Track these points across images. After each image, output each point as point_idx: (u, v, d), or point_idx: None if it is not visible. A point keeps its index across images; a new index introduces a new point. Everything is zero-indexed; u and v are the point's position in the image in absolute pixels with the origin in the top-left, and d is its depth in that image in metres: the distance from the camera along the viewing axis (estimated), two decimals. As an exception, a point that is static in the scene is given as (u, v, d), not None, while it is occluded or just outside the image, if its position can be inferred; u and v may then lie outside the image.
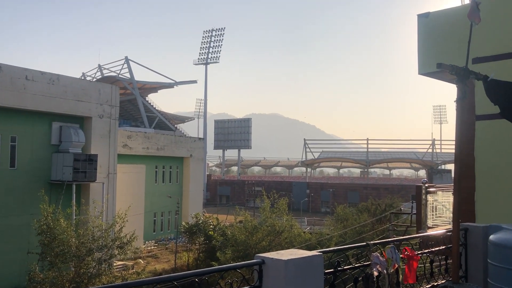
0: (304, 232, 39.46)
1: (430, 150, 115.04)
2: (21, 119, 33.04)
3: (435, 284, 6.14)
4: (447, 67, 4.88)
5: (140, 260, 39.42)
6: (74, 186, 33.97)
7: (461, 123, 5.19)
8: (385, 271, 5.21)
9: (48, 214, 25.84)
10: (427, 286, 6.11)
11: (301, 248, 32.34)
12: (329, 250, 4.83)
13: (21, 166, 33.13)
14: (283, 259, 3.95)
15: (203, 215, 47.52)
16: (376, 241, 5.42)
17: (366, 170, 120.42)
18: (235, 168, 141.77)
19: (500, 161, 9.24)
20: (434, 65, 5.24)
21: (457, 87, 5.11)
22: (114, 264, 30.52)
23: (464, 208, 9.24)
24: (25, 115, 33.15)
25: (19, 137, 33.14)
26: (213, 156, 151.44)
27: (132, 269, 34.08)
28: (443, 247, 6.27)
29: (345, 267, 4.91)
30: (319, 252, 4.36)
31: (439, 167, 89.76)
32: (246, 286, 3.98)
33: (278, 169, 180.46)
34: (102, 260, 26.12)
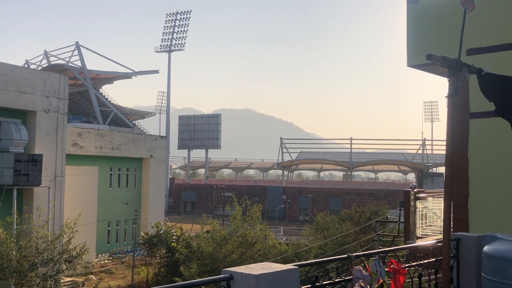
0: (279, 243, 39.65)
1: (420, 151, 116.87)
2: (-47, 113, 32.30)
3: (424, 300, 6.23)
4: (437, 58, 4.95)
5: (92, 276, 38.96)
6: (15, 191, 33.40)
7: (453, 122, 5.28)
8: (368, 286, 5.27)
9: (-16, 223, 25.37)
10: (415, 303, 6.20)
11: (276, 261, 32.46)
12: (307, 263, 4.86)
13: (-48, 168, 32.38)
14: (254, 273, 3.95)
15: (165, 224, 47.31)
16: (359, 253, 5.47)
17: (349, 173, 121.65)
18: (202, 171, 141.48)
19: (497, 164, 9.43)
20: (424, 56, 5.31)
21: (448, 81, 5.19)
22: (62, 280, 30.14)
23: (456, 216, 9.40)
24: (-43, 108, 32.42)
25: (-50, 133, 32.40)
26: (177, 156, 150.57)
27: (83, 286, 33.67)
28: (433, 259, 6.37)
29: (324, 282, 4.95)
30: (294, 265, 4.37)
31: (430, 170, 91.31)
32: (212, 304, 3.98)
33: (251, 172, 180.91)
34: (48, 276, 25.82)
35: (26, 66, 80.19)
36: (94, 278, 38.32)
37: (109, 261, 47.40)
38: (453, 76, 5.11)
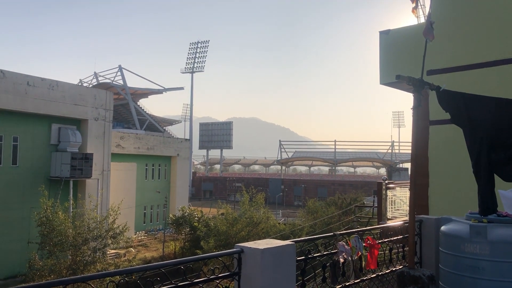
0: (279, 223, 39.59)
1: (390, 151, 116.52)
2: (23, 121, 32.44)
3: (394, 269, 6.21)
4: (404, 78, 4.95)
5: (131, 248, 39.03)
6: (71, 182, 33.52)
7: (416, 128, 5.26)
8: (350, 258, 5.25)
9: (47, 207, 25.46)
10: (386, 271, 6.17)
11: (276, 237, 32.42)
12: (301, 240, 4.84)
13: (22, 164, 32.51)
14: (260, 248, 3.95)
15: (189, 208, 47.31)
16: (342, 232, 5.46)
17: (334, 168, 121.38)
18: (217, 166, 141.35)
19: (451, 161, 9.39)
20: (393, 76, 5.31)
21: (413, 96, 5.19)
22: (108, 252, 30.19)
23: (419, 202, 9.38)
24: (26, 117, 32.56)
25: (21, 137, 32.54)
26: (198, 155, 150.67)
27: (124, 257, 33.75)
28: (401, 236, 6.35)
29: (314, 255, 4.93)
30: (292, 241, 4.37)
31: (398, 166, 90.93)
32: (226, 272, 3.97)
33: (256, 167, 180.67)
34: (97, 249, 25.84)
35: (80, 84, 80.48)
36: (133, 251, 38.39)
37: (145, 237, 47.42)
38: (417, 92, 5.10)
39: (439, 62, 9.37)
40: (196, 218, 41.92)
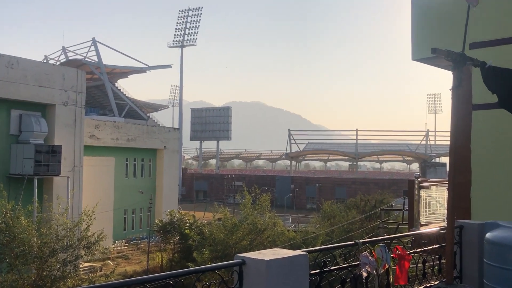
0: (288, 231, 39.68)
1: (423, 142, 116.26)
2: (-24, 106, 32.50)
3: (428, 285, 6.23)
4: (442, 52, 4.92)
5: (109, 261, 39.23)
6: (35, 181, 33.62)
7: (457, 113, 5.25)
8: (374, 271, 5.27)
9: (7, 211, 25.52)
10: (419, 288, 6.20)
11: (285, 247, 32.52)
12: (315, 249, 4.87)
13: (-24, 159, 32.64)
14: (265, 259, 3.96)
15: (178, 212, 47.42)
16: (365, 240, 5.48)
17: (355, 163, 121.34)
18: (213, 161, 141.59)
19: (498, 154, 9.37)
20: (428, 50, 5.28)
21: (452, 74, 5.16)
22: (81, 265, 30.34)
23: (458, 204, 9.37)
24: (-20, 102, 32.61)
25: (-26, 126, 32.64)
26: (189, 148, 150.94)
27: (100, 271, 33.93)
28: (437, 246, 6.36)
29: (332, 268, 4.95)
30: (304, 251, 4.39)
31: (433, 160, 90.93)
32: (225, 288, 3.99)
33: (260, 162, 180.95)
34: (67, 262, 25.93)
35: (45, 61, 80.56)
36: (111, 263, 38.61)
37: (126, 247, 47.67)
38: (457, 69, 5.08)
39: (484, 33, 9.32)
40: (187, 224, 42.04)
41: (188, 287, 3.80)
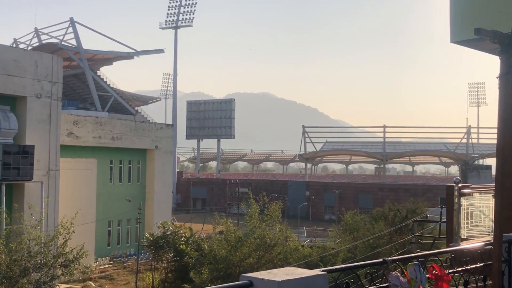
0: (302, 246, 39.66)
1: (464, 140, 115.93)
2: None
3: (471, 311, 6.21)
4: (487, 33, 4.89)
5: (90, 282, 39.37)
6: (3, 187, 33.80)
7: (505, 105, 5.22)
8: (406, 294, 5.26)
9: (-30, 223, 25.72)
10: (460, 314, 6.18)
11: (299, 266, 32.52)
12: (336, 268, 4.87)
13: None
14: (277, 280, 3.96)
15: (172, 224, 47.60)
16: (395, 257, 5.46)
17: (382, 166, 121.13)
18: (213, 164, 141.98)
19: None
20: (470, 31, 5.26)
21: (500, 59, 5.13)
22: (57, 287, 30.43)
23: (508, 215, 9.32)
24: None
25: None
26: (185, 147, 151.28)
27: (80, 294, 34.04)
28: (481, 264, 6.34)
29: (356, 290, 4.96)
30: (322, 271, 4.38)
31: (476, 162, 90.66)
32: (229, 315, 4.00)
33: (269, 164, 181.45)
34: (41, 283, 26.07)
35: (14, 45, 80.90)
36: (93, 285, 38.72)
37: (110, 265, 47.82)
38: (506, 53, 5.05)
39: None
40: (183, 239, 42.16)
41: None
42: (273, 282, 3.96)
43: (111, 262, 48.74)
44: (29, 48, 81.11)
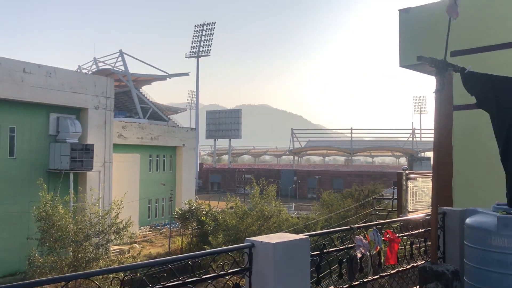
0: (291, 217, 39.63)
1: (410, 139, 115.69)
2: (20, 110, 32.74)
3: (415, 264, 6.21)
4: (426, 59, 4.90)
5: (135, 244, 39.41)
6: (71, 175, 33.84)
7: (439, 113, 5.22)
8: (368, 253, 5.26)
9: (47, 201, 25.75)
10: (407, 267, 6.17)
11: (289, 232, 32.51)
12: (316, 233, 4.85)
13: (20, 156, 32.88)
14: (272, 242, 3.96)
15: (196, 201, 47.58)
16: (359, 225, 5.46)
17: (350, 158, 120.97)
18: (226, 157, 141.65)
19: (476, 149, 9.31)
20: (414, 58, 5.26)
21: (436, 78, 5.13)
22: (111, 248, 30.53)
23: (442, 193, 9.32)
24: (23, 106, 32.85)
25: (18, 127, 32.88)
26: (205, 145, 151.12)
27: (128, 253, 34.06)
28: (422, 230, 6.34)
29: (330, 250, 4.95)
30: (306, 235, 4.38)
31: (419, 155, 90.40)
32: (237, 268, 4.00)
33: (267, 157, 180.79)
34: (99, 245, 26.11)
35: (79, 70, 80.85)
36: (138, 246, 38.76)
37: (150, 232, 47.85)
38: (440, 74, 5.05)
39: (464, 42, 9.25)
40: (203, 212, 42.16)
41: (205, 267, 3.79)
42: (270, 244, 3.96)
43: (151, 229, 48.76)
44: (90, 72, 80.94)
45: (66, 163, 33.36)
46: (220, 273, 3.83)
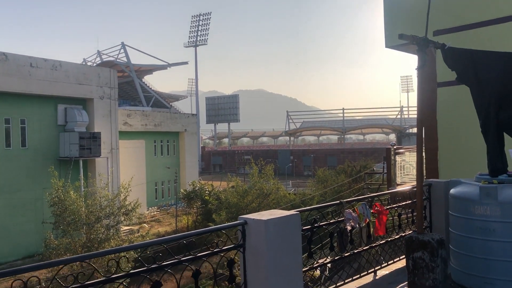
0: (289, 194, 39.78)
1: (399, 116, 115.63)
2: (29, 103, 32.53)
3: (403, 234, 6.16)
4: (407, 37, 4.76)
5: (144, 224, 39.58)
6: (81, 162, 33.78)
7: (422, 90, 5.09)
8: (357, 225, 5.19)
9: (59, 187, 25.73)
10: (395, 237, 6.12)
11: (287, 207, 32.65)
12: (306, 209, 4.77)
13: (32, 146, 32.79)
14: (264, 219, 3.88)
15: (199, 182, 47.62)
16: (349, 199, 5.38)
17: (342, 136, 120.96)
18: (226, 140, 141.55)
19: (460, 124, 9.21)
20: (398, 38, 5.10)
21: (417, 56, 5.00)
22: (121, 229, 30.61)
23: (428, 166, 9.25)
24: (32, 99, 32.63)
25: (28, 119, 32.71)
26: (206, 129, 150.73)
27: (138, 232, 34.21)
28: (409, 201, 6.27)
29: (321, 223, 4.88)
30: (296, 211, 4.30)
31: (407, 131, 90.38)
32: (231, 245, 3.93)
33: (265, 139, 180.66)
34: (110, 226, 26.20)
35: (83, 63, 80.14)
36: (146, 226, 38.93)
37: (158, 212, 48.00)
38: (421, 51, 4.91)
39: (446, 21, 9.07)
40: (207, 192, 42.25)
41: (207, 244, 3.70)
42: (261, 221, 3.88)
43: (158, 210, 48.91)
44: (94, 64, 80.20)
45: (75, 151, 33.27)
46: (215, 250, 3.75)
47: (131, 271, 3.27)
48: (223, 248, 3.81)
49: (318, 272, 16.39)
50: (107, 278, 3.12)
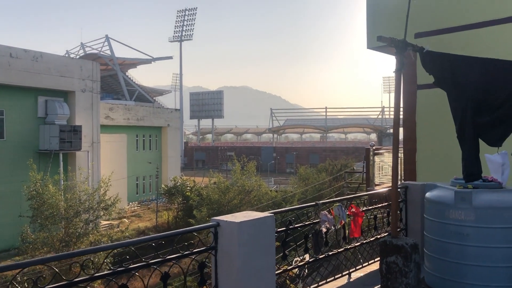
0: (271, 191, 39.74)
1: (380, 116, 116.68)
2: (8, 94, 31.79)
3: (378, 236, 6.13)
4: (386, 39, 4.70)
5: (125, 219, 39.14)
6: (61, 155, 33.20)
7: (399, 92, 5.05)
8: (332, 227, 5.13)
9: (37, 181, 25.28)
10: (371, 239, 6.09)
11: (268, 205, 32.64)
12: (280, 211, 4.69)
13: (10, 138, 32.09)
14: (237, 221, 3.78)
15: (181, 178, 47.28)
16: (324, 201, 5.32)
17: (325, 135, 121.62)
18: (209, 136, 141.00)
19: (438, 125, 9.23)
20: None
21: (395, 58, 4.95)
22: (101, 223, 30.23)
23: (406, 166, 9.28)
24: (11, 90, 31.89)
25: (7, 111, 32.00)
26: (189, 125, 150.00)
27: (117, 227, 33.82)
28: (386, 203, 6.24)
29: (296, 225, 4.80)
30: (270, 213, 4.21)
31: (388, 131, 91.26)
32: (203, 247, 3.82)
33: (248, 135, 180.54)
34: (89, 221, 25.85)
35: (66, 55, 78.80)
36: (127, 221, 38.51)
37: (138, 207, 47.55)
38: (399, 54, 4.86)
39: (427, 24, 9.07)
40: (188, 188, 41.95)
41: (186, 240, 3.60)
42: (234, 223, 3.78)
43: (139, 205, 48.47)
44: (77, 57, 78.90)
45: (55, 144, 32.69)
46: (185, 253, 3.64)
47: (96, 274, 3.14)
48: (194, 250, 3.70)
49: (296, 270, 16.38)
50: (70, 282, 2.99)
